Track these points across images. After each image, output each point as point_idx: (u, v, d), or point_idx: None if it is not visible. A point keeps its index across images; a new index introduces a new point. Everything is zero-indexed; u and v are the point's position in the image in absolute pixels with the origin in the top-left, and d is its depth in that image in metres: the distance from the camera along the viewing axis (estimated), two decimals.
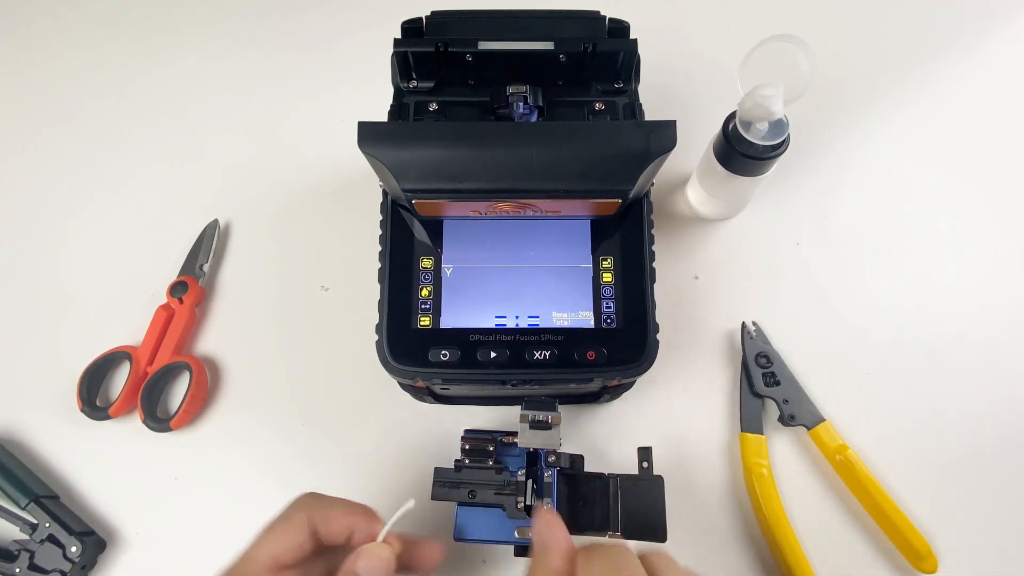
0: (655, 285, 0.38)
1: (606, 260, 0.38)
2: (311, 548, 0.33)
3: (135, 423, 0.46)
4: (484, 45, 0.39)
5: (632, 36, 0.41)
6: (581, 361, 0.36)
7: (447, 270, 0.38)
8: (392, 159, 0.33)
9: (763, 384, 0.46)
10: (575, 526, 0.40)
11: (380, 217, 0.38)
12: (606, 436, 0.46)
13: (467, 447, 0.40)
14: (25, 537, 0.43)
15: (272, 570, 0.32)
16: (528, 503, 0.38)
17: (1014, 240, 0.52)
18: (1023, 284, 0.50)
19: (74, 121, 0.57)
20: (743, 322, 0.48)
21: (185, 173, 0.55)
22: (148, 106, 0.58)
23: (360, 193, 0.44)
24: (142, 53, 0.60)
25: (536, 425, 0.36)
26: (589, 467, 0.42)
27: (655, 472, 0.40)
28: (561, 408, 0.36)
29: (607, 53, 0.40)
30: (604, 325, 0.37)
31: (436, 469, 0.39)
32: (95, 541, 0.43)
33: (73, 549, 0.42)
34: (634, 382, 0.44)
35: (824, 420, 0.45)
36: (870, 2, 0.61)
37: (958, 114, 0.56)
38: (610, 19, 0.41)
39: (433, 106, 0.41)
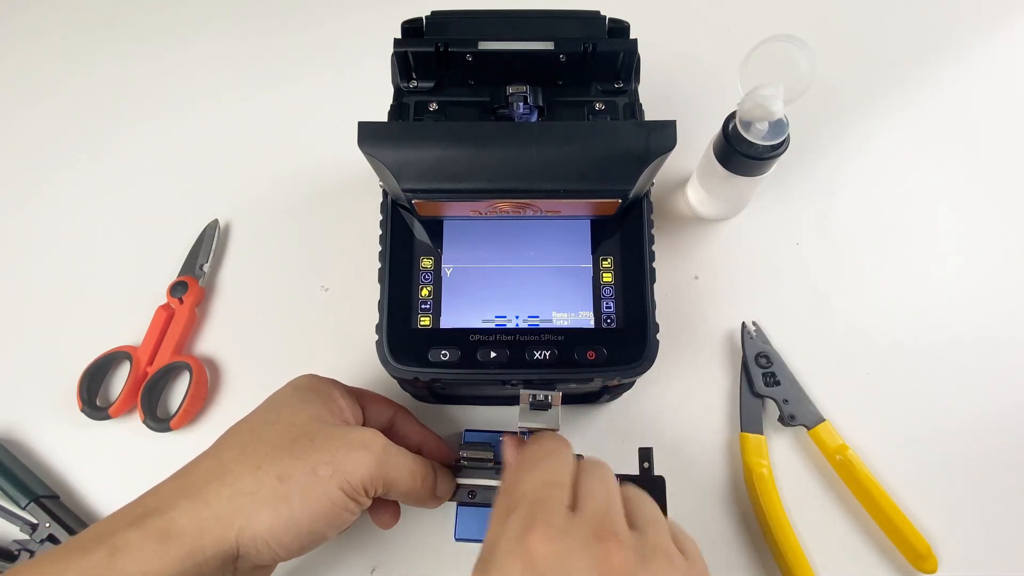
0: (655, 285, 0.38)
1: (606, 260, 0.38)
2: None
3: (135, 423, 0.46)
4: (484, 45, 0.39)
5: (632, 36, 0.41)
6: (581, 361, 0.36)
7: (447, 270, 0.38)
8: (392, 159, 0.33)
9: (763, 384, 0.46)
10: None
11: (380, 217, 0.38)
12: (606, 436, 0.46)
13: (464, 455, 0.40)
14: (25, 537, 0.43)
15: None
16: None
17: (1014, 240, 0.52)
18: (1023, 285, 0.50)
19: (74, 121, 0.57)
20: (743, 322, 0.48)
21: (185, 173, 0.55)
22: (148, 106, 0.58)
23: (360, 193, 0.44)
24: (142, 53, 0.60)
25: (536, 405, 0.36)
26: None
27: (656, 473, 0.40)
28: (561, 408, 0.36)
29: (607, 53, 0.40)
30: (604, 325, 0.37)
31: None
32: None
33: None
34: (634, 382, 0.44)
35: (824, 420, 0.45)
36: (870, 2, 0.61)
37: (958, 114, 0.56)
38: (610, 19, 0.41)
39: (433, 106, 0.41)
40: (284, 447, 0.32)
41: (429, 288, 0.38)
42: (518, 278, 0.38)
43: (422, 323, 0.37)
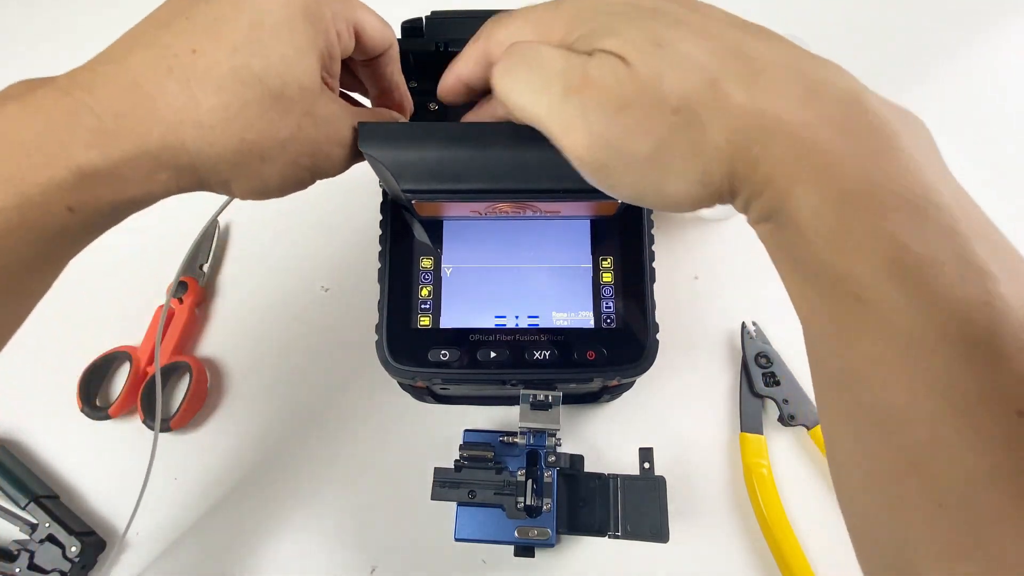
0: (655, 285, 0.38)
1: (606, 260, 0.38)
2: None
3: (135, 423, 0.46)
4: None
5: None
6: (581, 361, 0.36)
7: (447, 270, 0.38)
8: (392, 159, 0.32)
9: (763, 384, 0.46)
10: (575, 526, 0.40)
11: (380, 217, 0.38)
12: (606, 436, 0.46)
13: (464, 455, 0.40)
14: (25, 537, 0.43)
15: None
16: (528, 503, 0.38)
17: (1013, 240, 0.51)
18: None
19: None
20: (743, 322, 0.48)
21: None
22: None
23: (360, 193, 0.44)
24: None
25: (536, 406, 0.36)
26: (589, 467, 0.42)
27: (656, 473, 0.40)
28: (561, 408, 0.37)
29: None
30: (604, 325, 0.37)
31: (436, 469, 0.39)
32: (95, 541, 0.43)
33: (73, 549, 0.42)
34: (634, 382, 0.44)
35: None
36: (870, 2, 0.61)
37: (958, 114, 0.56)
38: None
39: (433, 106, 0.41)
40: (271, 119, 0.27)
41: (429, 288, 0.38)
42: (518, 278, 0.38)
43: (422, 323, 0.37)
